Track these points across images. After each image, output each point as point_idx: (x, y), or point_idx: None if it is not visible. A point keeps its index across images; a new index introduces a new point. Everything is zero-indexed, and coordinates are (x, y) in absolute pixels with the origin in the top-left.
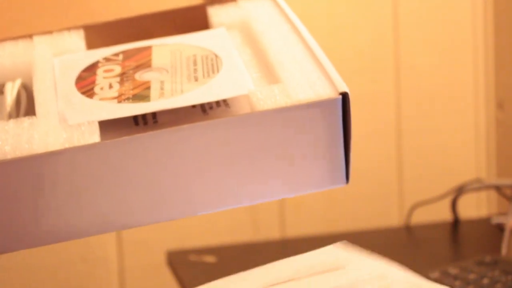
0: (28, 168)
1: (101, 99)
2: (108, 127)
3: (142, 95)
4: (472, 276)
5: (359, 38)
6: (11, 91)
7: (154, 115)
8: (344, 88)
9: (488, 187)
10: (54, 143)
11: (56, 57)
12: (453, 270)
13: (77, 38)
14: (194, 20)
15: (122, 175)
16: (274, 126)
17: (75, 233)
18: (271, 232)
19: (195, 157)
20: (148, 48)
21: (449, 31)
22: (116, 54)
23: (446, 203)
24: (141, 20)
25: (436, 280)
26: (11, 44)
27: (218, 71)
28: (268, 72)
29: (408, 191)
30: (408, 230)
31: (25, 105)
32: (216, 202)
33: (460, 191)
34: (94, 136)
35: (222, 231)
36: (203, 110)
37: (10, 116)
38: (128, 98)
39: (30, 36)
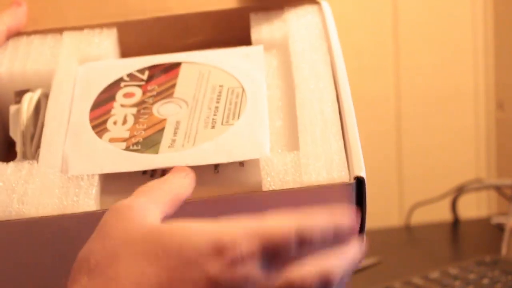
0: (14, 231)
1: (110, 139)
2: (112, 176)
3: (152, 142)
4: (472, 276)
5: (359, 38)
6: (29, 103)
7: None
8: (361, 172)
9: (488, 187)
10: (46, 204)
11: (81, 65)
12: (453, 270)
13: (108, 39)
14: (235, 23)
15: None
16: (281, 203)
17: None
18: None
19: None
20: (177, 66)
21: (449, 31)
22: (142, 71)
23: (446, 203)
24: (178, 20)
25: (436, 280)
26: (39, 39)
27: (238, 116)
28: (290, 123)
29: (408, 191)
30: (408, 230)
31: (44, 113)
32: None
33: (460, 191)
34: (90, 199)
35: None
36: (215, 166)
37: (23, 135)
38: (137, 143)
39: (60, 30)
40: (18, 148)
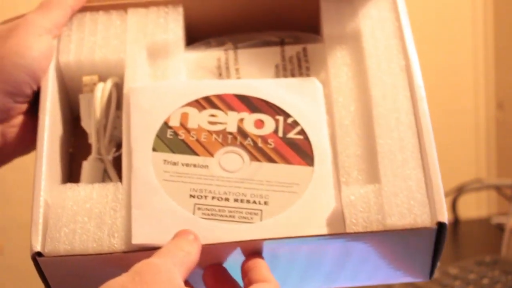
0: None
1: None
2: None
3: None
4: (472, 276)
5: None
6: (102, 95)
7: None
8: (443, 217)
9: (488, 187)
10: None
11: (147, 82)
12: (453, 270)
13: (175, 21)
14: (304, 6)
15: None
16: (366, 242)
17: None
18: None
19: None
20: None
21: (449, 31)
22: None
23: (446, 203)
24: (248, 2)
25: (436, 280)
26: (104, 18)
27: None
28: (368, 141)
29: None
30: None
31: (115, 105)
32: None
33: (460, 191)
34: None
35: None
36: None
37: (97, 130)
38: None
39: (124, 7)
40: (93, 143)
